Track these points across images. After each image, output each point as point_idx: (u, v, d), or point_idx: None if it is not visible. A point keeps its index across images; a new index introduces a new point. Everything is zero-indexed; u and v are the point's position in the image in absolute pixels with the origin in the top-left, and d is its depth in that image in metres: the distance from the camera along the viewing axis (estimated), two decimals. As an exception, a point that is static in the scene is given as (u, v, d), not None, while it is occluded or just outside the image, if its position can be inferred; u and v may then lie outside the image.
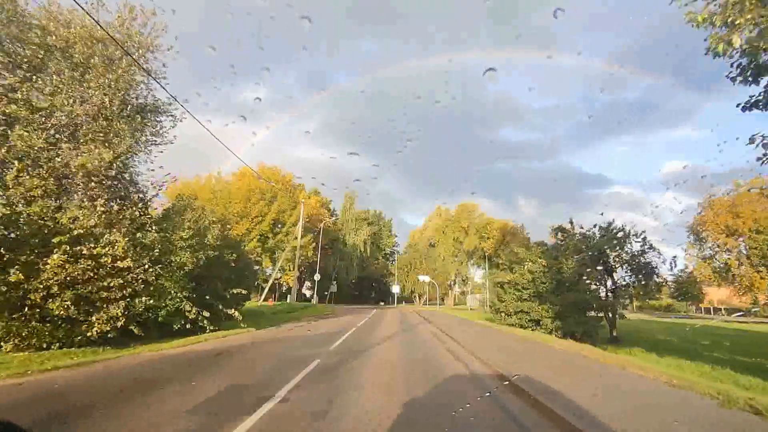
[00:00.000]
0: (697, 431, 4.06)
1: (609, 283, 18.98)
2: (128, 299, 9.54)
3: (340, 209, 62.58)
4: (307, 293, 53.18)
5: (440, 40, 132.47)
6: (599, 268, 18.07)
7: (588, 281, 17.41)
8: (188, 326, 11.53)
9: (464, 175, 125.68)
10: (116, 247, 9.29)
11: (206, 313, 11.54)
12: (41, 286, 7.96)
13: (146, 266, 10.16)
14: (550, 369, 7.42)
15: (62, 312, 8.09)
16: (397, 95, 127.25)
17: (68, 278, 8.46)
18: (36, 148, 8.61)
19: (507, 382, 6.01)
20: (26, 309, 8.00)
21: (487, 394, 5.63)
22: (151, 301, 10.14)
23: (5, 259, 7.61)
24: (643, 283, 18.14)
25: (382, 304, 30.40)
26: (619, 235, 19.31)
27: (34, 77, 9.13)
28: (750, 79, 5.90)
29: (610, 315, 17.82)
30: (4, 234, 7.91)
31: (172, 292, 11.10)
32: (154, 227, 10.77)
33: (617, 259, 19.96)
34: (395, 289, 55.56)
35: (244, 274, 16.79)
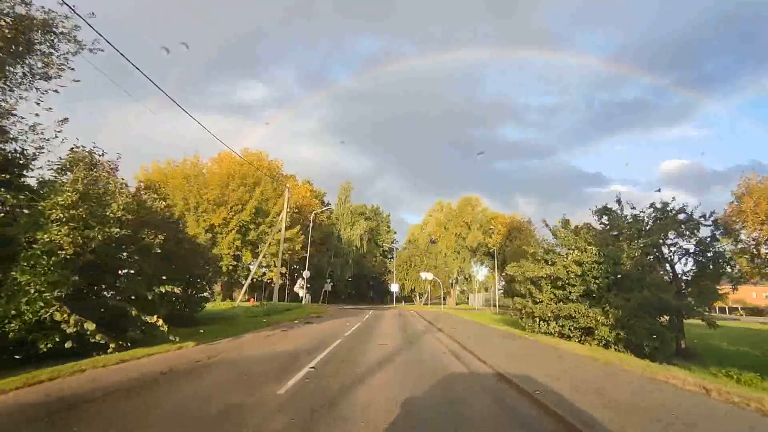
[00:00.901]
0: None
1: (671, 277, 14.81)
2: None
3: (335, 205, 58.13)
4: (301, 292, 48.86)
5: (440, 37, 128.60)
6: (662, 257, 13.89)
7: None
8: (70, 345, 7.23)
9: (464, 174, 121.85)
10: None
11: (91, 325, 7.20)
12: None
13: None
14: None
15: None
16: (398, 94, 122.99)
17: None
18: None
19: None
20: None
21: None
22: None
23: None
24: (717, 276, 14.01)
25: (373, 311, 26.12)
26: (680, 216, 15.11)
27: None
28: None
29: (676, 320, 13.60)
30: None
31: (33, 290, 6.79)
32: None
33: (673, 248, 15.81)
34: (394, 287, 50.95)
35: (192, 266, 12.47)
